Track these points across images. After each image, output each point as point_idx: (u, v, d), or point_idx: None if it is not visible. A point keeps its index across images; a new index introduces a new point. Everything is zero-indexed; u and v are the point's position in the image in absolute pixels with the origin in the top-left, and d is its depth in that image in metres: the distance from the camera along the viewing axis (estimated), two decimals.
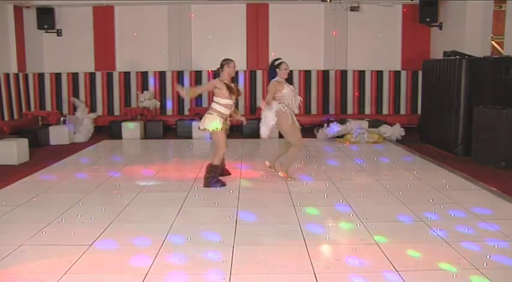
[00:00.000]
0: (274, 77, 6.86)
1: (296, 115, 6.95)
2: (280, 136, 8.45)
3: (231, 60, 6.74)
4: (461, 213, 5.40)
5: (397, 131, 10.88)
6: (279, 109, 6.73)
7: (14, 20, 11.99)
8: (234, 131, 11.17)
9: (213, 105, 6.64)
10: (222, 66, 6.69)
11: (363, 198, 6.10)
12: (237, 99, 6.90)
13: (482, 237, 4.64)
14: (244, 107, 12.68)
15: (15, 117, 11.84)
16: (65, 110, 12.75)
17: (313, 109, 12.82)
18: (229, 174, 7.29)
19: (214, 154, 6.82)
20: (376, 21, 12.90)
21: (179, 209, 5.62)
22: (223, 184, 6.69)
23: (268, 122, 6.76)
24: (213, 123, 6.52)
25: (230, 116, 6.79)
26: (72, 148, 10.11)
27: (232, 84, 6.74)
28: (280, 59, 6.94)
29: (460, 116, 8.97)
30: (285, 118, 6.76)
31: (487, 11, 10.65)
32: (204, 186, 6.63)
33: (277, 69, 6.85)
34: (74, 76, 12.86)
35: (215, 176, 6.69)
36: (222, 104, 6.56)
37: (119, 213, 5.47)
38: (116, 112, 12.91)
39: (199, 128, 6.75)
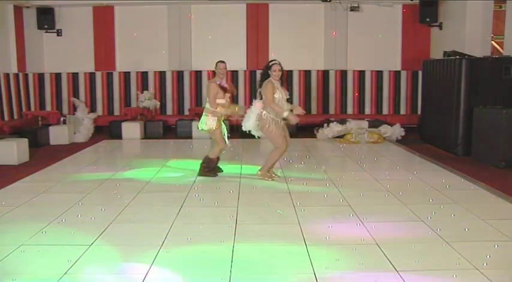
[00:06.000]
0: (266, 78, 6.73)
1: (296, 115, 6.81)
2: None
3: (219, 61, 7.19)
4: (461, 213, 5.40)
5: (397, 131, 10.88)
6: (259, 114, 6.76)
7: (14, 20, 11.98)
8: (234, 130, 11.15)
9: (207, 105, 7.13)
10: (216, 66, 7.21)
11: (363, 198, 6.10)
12: (232, 96, 7.41)
13: (482, 237, 4.64)
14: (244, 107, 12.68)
15: (15, 117, 11.84)
16: (65, 110, 12.75)
17: (313, 109, 12.81)
18: (221, 171, 7.50)
19: (213, 148, 7.37)
20: (376, 21, 12.91)
21: (179, 209, 5.62)
22: (215, 175, 7.29)
23: (251, 122, 6.92)
24: (207, 123, 7.08)
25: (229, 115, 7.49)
26: (72, 148, 10.11)
27: (225, 84, 7.17)
28: (274, 60, 6.80)
29: (460, 116, 8.96)
30: (266, 123, 6.75)
31: (487, 11, 10.65)
32: (198, 175, 7.26)
33: (269, 71, 6.73)
34: (74, 76, 12.86)
35: (208, 166, 7.26)
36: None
37: (119, 213, 5.47)
38: (116, 112, 12.91)
39: (197, 127, 7.36)
